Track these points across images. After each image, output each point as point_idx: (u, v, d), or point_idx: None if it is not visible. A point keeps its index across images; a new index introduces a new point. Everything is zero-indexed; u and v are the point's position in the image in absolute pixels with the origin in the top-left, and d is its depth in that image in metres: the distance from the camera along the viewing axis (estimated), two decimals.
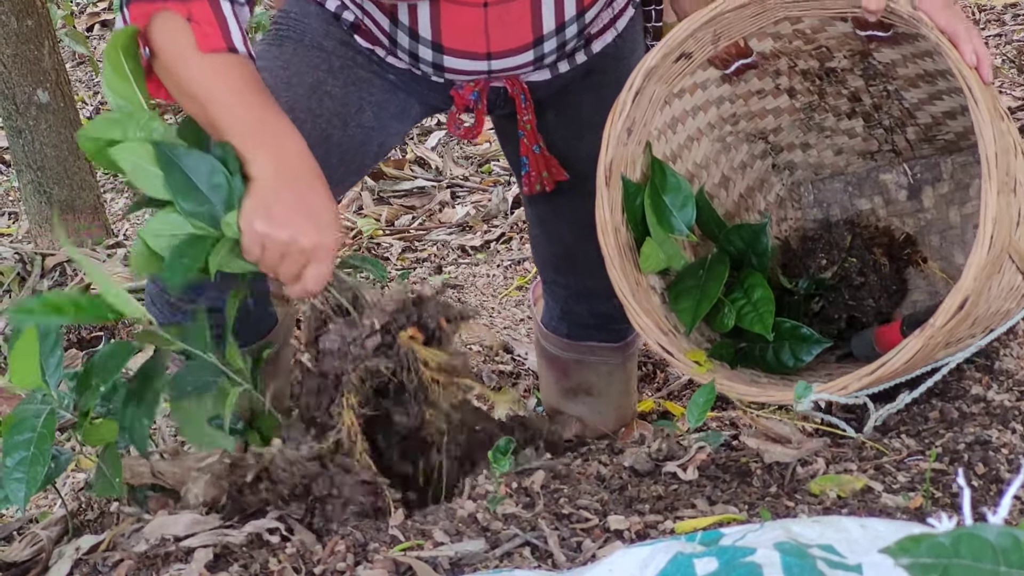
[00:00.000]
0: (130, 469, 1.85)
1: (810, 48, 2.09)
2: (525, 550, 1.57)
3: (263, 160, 1.71)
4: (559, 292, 2.51)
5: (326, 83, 2.12)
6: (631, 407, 2.66)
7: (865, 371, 1.78)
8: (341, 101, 2.13)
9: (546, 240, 2.45)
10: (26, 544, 1.88)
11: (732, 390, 1.89)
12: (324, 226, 1.72)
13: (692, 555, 1.22)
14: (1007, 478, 1.66)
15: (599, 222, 2.00)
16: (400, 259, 3.84)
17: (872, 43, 2.03)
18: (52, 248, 3.74)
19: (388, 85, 2.17)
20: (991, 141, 1.71)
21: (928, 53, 2.01)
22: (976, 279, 1.70)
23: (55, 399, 1.74)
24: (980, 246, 1.70)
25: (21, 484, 1.67)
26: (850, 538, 1.25)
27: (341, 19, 2.13)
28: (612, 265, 1.98)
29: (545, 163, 2.25)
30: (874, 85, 2.14)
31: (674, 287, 2.07)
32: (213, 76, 1.74)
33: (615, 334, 2.52)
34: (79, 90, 5.29)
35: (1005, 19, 4.55)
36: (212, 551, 1.65)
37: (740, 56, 2.10)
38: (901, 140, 2.23)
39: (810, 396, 1.79)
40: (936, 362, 1.87)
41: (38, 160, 3.68)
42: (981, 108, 1.72)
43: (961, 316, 1.72)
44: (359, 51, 2.14)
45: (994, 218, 1.70)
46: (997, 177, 1.70)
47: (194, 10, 1.75)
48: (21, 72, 3.60)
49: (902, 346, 1.75)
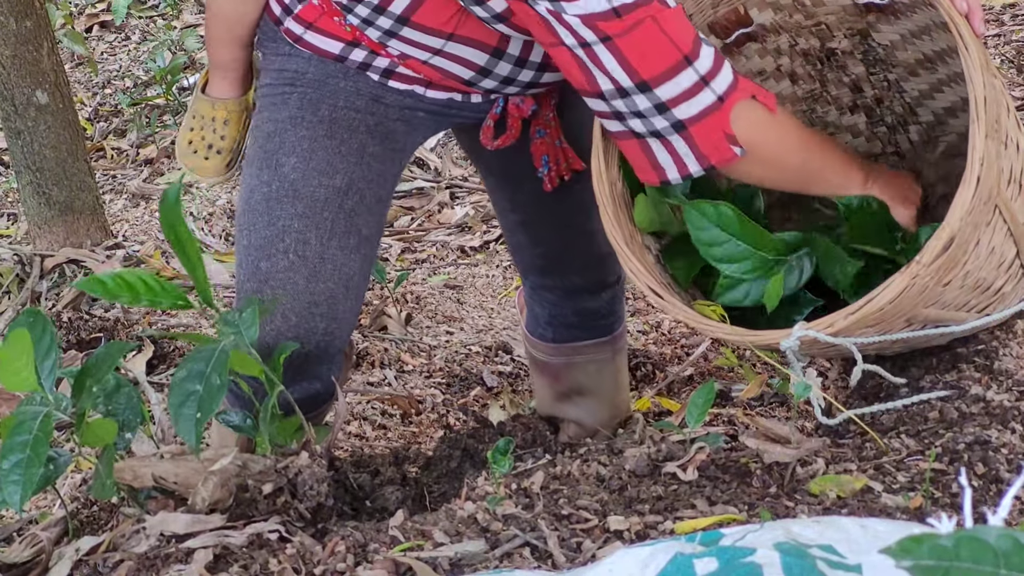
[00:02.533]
0: (131, 471, 1.84)
1: (810, 24, 2.09)
2: (525, 550, 1.57)
3: (879, 184, 2.00)
4: (545, 296, 2.50)
5: (368, 145, 2.09)
6: (625, 403, 2.67)
7: (850, 309, 1.77)
8: (380, 159, 2.10)
9: (530, 243, 2.44)
10: (26, 545, 1.87)
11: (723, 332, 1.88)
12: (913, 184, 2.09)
13: (692, 555, 1.22)
14: (1007, 478, 1.66)
15: (594, 171, 1.98)
16: (399, 260, 3.84)
17: (871, 14, 2.03)
18: (51, 249, 3.73)
19: (413, 123, 2.13)
20: (980, 85, 1.71)
21: (927, 30, 2.01)
22: (962, 219, 1.70)
23: (52, 401, 1.74)
24: (967, 184, 1.70)
25: (17, 486, 1.66)
26: (850, 538, 1.25)
27: (371, 67, 2.07)
28: (606, 213, 1.97)
29: (563, 154, 2.24)
30: (875, 73, 2.14)
31: (667, 251, 2.07)
32: (796, 132, 1.94)
33: (601, 330, 2.53)
34: (78, 91, 5.29)
35: (1004, 19, 4.55)
36: (212, 552, 1.65)
37: (740, 24, 2.10)
38: (904, 141, 2.23)
39: (798, 333, 1.78)
40: (933, 328, 1.86)
41: (37, 161, 3.67)
42: (971, 52, 1.72)
43: (947, 259, 1.71)
44: (386, 102, 2.09)
45: (981, 158, 1.70)
46: (985, 120, 1.70)
47: (757, 91, 1.88)
48: (20, 73, 3.60)
49: (887, 284, 1.74)
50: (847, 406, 2.03)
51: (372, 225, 2.10)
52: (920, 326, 1.86)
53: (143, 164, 4.69)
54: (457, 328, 3.40)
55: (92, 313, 3.43)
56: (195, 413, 1.69)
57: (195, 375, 1.72)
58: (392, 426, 2.90)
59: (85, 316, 3.40)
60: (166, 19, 5.82)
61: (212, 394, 1.71)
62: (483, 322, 3.44)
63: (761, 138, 1.88)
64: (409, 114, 2.12)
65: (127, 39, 5.78)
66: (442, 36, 1.98)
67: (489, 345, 3.28)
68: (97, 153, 4.80)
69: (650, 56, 1.79)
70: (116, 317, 3.39)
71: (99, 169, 4.57)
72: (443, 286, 3.63)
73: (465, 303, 3.55)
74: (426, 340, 3.31)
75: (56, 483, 1.82)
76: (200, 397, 1.71)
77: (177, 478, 1.84)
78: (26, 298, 3.57)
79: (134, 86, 5.33)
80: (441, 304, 3.52)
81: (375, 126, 2.10)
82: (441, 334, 3.36)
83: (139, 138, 4.85)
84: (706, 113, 1.83)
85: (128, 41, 5.76)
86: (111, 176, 4.61)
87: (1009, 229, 1.85)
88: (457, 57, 2.02)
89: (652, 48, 1.78)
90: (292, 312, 2.01)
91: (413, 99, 2.10)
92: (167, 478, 1.84)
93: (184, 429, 1.70)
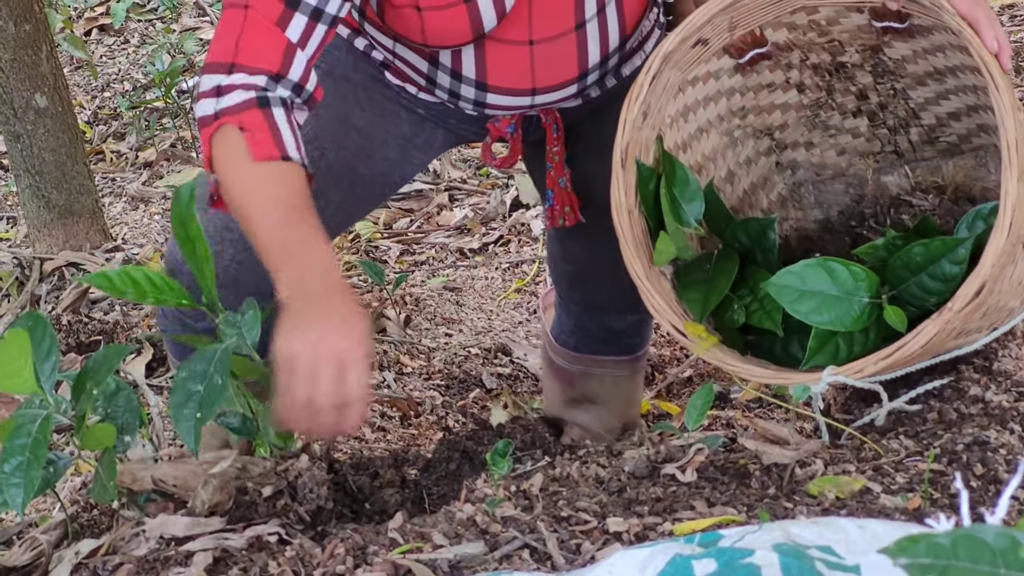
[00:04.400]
0: (131, 474, 1.85)
1: (823, 41, 2.09)
2: (524, 552, 1.57)
3: (288, 279, 1.71)
4: (572, 307, 2.50)
5: (353, 115, 2.12)
6: (634, 416, 2.66)
7: (881, 354, 1.77)
8: (367, 134, 2.13)
9: (561, 257, 2.45)
10: (26, 548, 1.87)
11: (750, 373, 1.88)
12: (354, 333, 1.69)
13: (691, 557, 1.22)
14: (1005, 479, 1.66)
15: (614, 203, 1.98)
16: (398, 262, 3.84)
17: (887, 35, 2.04)
18: (50, 252, 3.73)
19: (416, 118, 2.16)
20: (1012, 128, 1.71)
21: (941, 48, 2.01)
22: (994, 266, 1.71)
23: (51, 403, 1.74)
24: (1000, 231, 1.70)
25: (19, 489, 1.66)
26: (848, 539, 1.26)
27: (371, 57, 2.12)
28: (626, 246, 1.97)
29: (568, 199, 2.24)
30: (882, 83, 2.15)
31: (681, 277, 2.06)
32: (254, 189, 1.76)
33: (626, 348, 2.52)
34: (77, 95, 5.30)
35: (1003, 20, 4.55)
36: (211, 555, 1.65)
37: (755, 45, 2.10)
38: (904, 141, 2.23)
39: (827, 379, 1.78)
40: (940, 355, 1.87)
41: (36, 164, 3.67)
42: (1003, 95, 1.72)
43: (978, 303, 1.72)
44: (388, 85, 2.13)
45: (1014, 204, 1.70)
46: (1017, 163, 1.70)
47: (245, 120, 1.76)
48: (19, 77, 3.60)
49: (919, 330, 1.74)
50: (845, 408, 2.03)
51: (331, 190, 2.08)
52: (938, 354, 1.87)
53: (142, 167, 4.69)
54: (456, 330, 3.40)
55: (91, 316, 3.43)
56: (195, 413, 1.69)
57: (197, 375, 1.72)
58: (391, 428, 2.90)
59: (84, 319, 3.40)
60: (165, 22, 5.82)
61: (213, 395, 1.70)
62: (482, 324, 3.44)
63: (222, 172, 1.79)
64: (410, 105, 2.14)
65: (126, 42, 5.78)
66: (389, 36, 2.03)
67: (488, 347, 3.28)
68: (96, 156, 4.80)
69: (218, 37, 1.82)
70: (115, 320, 3.39)
71: (98, 172, 4.57)
72: (442, 288, 3.63)
73: (464, 305, 3.55)
74: (425, 342, 3.31)
75: (56, 486, 1.82)
76: (201, 398, 1.70)
77: (176, 481, 1.85)
78: (25, 301, 3.57)
79: (133, 89, 5.33)
80: (440, 306, 3.52)
81: (367, 101, 2.12)
82: (440, 336, 3.36)
83: (138, 141, 4.85)
84: (203, 122, 1.81)
85: (127, 44, 5.76)
86: (110, 179, 4.61)
87: None
88: (406, 61, 2.06)
89: (222, 30, 1.82)
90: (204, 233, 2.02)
91: (408, 97, 2.11)
92: (166, 481, 1.84)
93: (184, 429, 1.69)
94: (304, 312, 1.69)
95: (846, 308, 1.86)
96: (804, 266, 1.88)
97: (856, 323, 1.86)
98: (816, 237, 2.26)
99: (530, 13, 1.96)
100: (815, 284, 1.87)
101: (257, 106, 1.77)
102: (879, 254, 1.99)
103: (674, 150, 2.11)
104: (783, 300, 1.87)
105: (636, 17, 2.07)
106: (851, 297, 1.87)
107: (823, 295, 1.86)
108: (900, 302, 1.89)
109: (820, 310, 1.86)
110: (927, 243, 1.90)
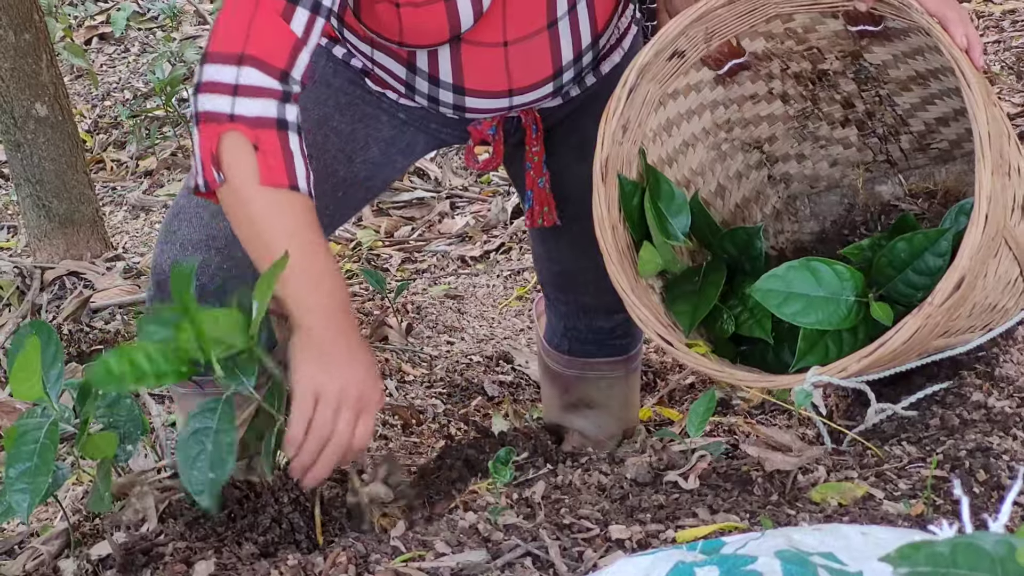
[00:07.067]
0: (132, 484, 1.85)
1: (802, 49, 2.10)
2: (526, 560, 1.57)
3: (311, 306, 1.72)
4: (561, 309, 2.51)
5: (332, 119, 2.13)
6: (633, 419, 2.66)
7: (864, 352, 1.76)
8: (347, 138, 2.13)
9: (547, 258, 2.46)
10: (27, 558, 1.88)
11: (736, 378, 1.88)
12: (378, 383, 1.76)
13: (693, 564, 1.22)
14: (1008, 485, 1.66)
15: (596, 219, 1.98)
16: (400, 270, 3.84)
17: (864, 39, 2.04)
18: (51, 261, 3.74)
19: (397, 122, 2.17)
20: (984, 122, 1.72)
21: (920, 51, 2.01)
22: (971, 258, 1.70)
23: (56, 410, 1.74)
24: (975, 225, 1.70)
25: (25, 495, 1.66)
26: (851, 545, 1.25)
27: (350, 64, 2.13)
28: (611, 261, 1.96)
29: (546, 199, 2.26)
30: (866, 90, 2.15)
31: (671, 291, 2.07)
32: (275, 214, 1.75)
33: (617, 349, 2.53)
34: (77, 103, 5.30)
35: (1004, 25, 4.55)
36: (214, 563, 1.65)
37: (733, 56, 2.10)
38: (895, 150, 2.23)
39: (812, 378, 1.78)
40: (932, 355, 1.86)
41: (36, 174, 3.68)
42: (974, 90, 1.73)
43: (958, 297, 1.72)
44: (368, 90, 2.14)
45: (988, 196, 1.70)
46: (991, 157, 1.71)
47: (262, 138, 1.75)
48: (19, 86, 3.60)
49: (900, 326, 1.73)
50: (847, 414, 2.03)
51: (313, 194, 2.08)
52: (928, 354, 1.87)
53: (143, 176, 4.69)
54: (458, 338, 3.40)
55: (92, 325, 3.43)
56: (207, 474, 1.65)
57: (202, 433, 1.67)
58: (393, 436, 2.90)
59: (86, 328, 3.40)
60: (165, 31, 5.82)
61: (223, 453, 1.66)
62: (484, 332, 3.44)
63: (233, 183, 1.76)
64: (391, 110, 2.16)
65: (126, 51, 5.79)
66: (368, 43, 2.04)
67: (490, 355, 3.28)
68: (97, 165, 4.80)
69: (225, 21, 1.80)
70: (117, 329, 3.40)
71: (99, 181, 4.57)
72: (444, 296, 3.63)
73: (466, 313, 3.55)
74: (427, 350, 3.31)
75: (58, 495, 1.82)
76: (211, 456, 1.66)
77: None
78: (26, 310, 3.57)
79: (133, 98, 5.33)
80: (442, 314, 3.52)
81: (346, 105, 2.13)
82: (442, 344, 3.36)
83: (139, 150, 4.85)
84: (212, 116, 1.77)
85: (127, 53, 5.77)
86: (111, 188, 4.61)
87: (1014, 254, 1.85)
88: (385, 68, 2.07)
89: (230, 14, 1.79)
90: (190, 243, 2.05)
91: (389, 103, 2.13)
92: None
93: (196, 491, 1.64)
94: (331, 345, 1.72)
95: (833, 308, 1.86)
96: (788, 268, 1.88)
97: (844, 322, 1.86)
98: (811, 248, 2.26)
99: (504, 13, 1.97)
100: (800, 286, 1.87)
101: (276, 128, 1.76)
102: (865, 254, 1.99)
103: (659, 164, 2.11)
104: (769, 304, 1.87)
105: (607, 13, 2.08)
106: (837, 296, 1.87)
107: (808, 296, 1.86)
108: (889, 301, 1.89)
109: (807, 311, 1.86)
110: (909, 238, 1.90)
